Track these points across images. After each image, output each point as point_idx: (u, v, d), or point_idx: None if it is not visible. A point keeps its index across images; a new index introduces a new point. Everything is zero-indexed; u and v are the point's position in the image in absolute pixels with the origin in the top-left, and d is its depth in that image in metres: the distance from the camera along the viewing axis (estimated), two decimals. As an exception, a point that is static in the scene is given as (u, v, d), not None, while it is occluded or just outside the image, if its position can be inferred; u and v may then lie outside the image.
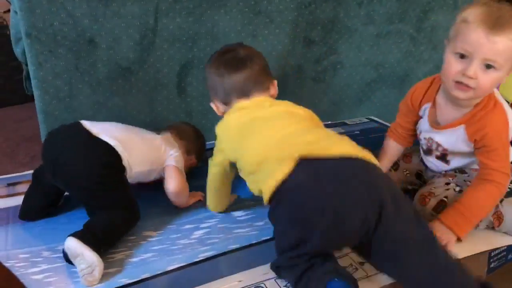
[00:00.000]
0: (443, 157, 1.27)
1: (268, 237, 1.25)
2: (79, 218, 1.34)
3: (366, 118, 2.02)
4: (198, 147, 1.45)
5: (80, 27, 1.40)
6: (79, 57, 1.45)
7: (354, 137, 1.82)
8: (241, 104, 1.15)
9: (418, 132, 1.31)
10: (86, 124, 1.23)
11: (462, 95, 1.09)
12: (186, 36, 1.54)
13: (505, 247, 1.20)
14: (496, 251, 1.21)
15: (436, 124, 1.22)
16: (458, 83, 1.07)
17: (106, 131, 1.22)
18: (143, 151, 1.27)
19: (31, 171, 1.32)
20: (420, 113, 1.28)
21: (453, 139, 1.20)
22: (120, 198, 1.21)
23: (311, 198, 0.93)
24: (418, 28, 1.87)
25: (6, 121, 2.09)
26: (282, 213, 0.99)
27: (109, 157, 1.20)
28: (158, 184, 1.37)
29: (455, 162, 1.26)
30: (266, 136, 1.06)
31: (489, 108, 1.13)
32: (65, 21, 1.38)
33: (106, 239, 1.14)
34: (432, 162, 1.31)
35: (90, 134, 1.20)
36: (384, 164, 1.38)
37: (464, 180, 1.25)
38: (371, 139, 1.84)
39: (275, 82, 1.21)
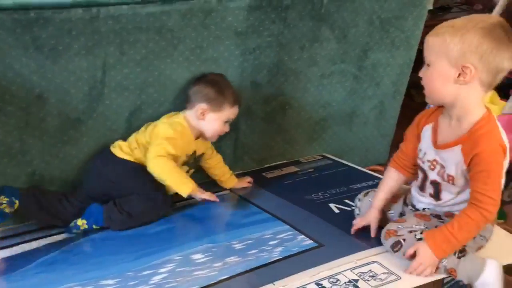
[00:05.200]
0: (436, 193, 1.30)
1: (227, 276, 1.27)
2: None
3: (319, 155, 2.08)
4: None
5: (28, 84, 1.42)
6: (29, 113, 1.46)
7: (308, 174, 1.90)
8: None
9: (420, 156, 1.31)
10: None
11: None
12: (134, 85, 1.58)
13: (453, 280, 1.25)
14: (449, 278, 1.26)
15: (436, 144, 1.26)
16: None
17: None
18: None
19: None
20: (421, 135, 1.32)
21: (451, 160, 1.22)
22: None
23: None
24: (360, 67, 1.97)
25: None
26: None
27: None
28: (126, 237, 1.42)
29: (447, 197, 1.28)
30: None
31: (486, 130, 1.17)
32: (13, 80, 1.40)
33: None
34: (421, 199, 1.34)
35: None
36: (380, 194, 1.40)
37: (436, 226, 1.26)
38: (325, 176, 1.90)
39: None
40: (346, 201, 1.66)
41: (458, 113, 1.20)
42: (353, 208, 1.60)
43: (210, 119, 1.59)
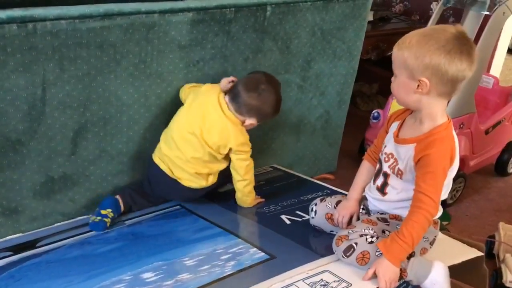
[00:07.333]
0: (383, 185, 1.36)
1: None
2: None
3: (270, 167, 2.09)
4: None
5: (-39, 104, 1.36)
6: (-37, 137, 1.39)
7: (260, 187, 1.90)
8: None
9: (382, 148, 1.39)
10: None
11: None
12: (77, 103, 1.53)
13: (403, 281, 1.30)
14: (399, 282, 1.28)
15: (397, 138, 1.33)
16: None
17: None
18: None
19: None
20: (389, 130, 1.39)
21: (403, 155, 1.29)
22: None
23: None
24: (304, 77, 2.01)
25: None
26: None
27: None
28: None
29: (391, 193, 1.35)
30: None
31: (441, 136, 1.25)
32: None
33: None
34: (371, 195, 1.40)
35: None
36: (356, 187, 1.46)
37: (383, 231, 1.33)
38: (276, 188, 1.91)
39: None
40: (298, 212, 1.68)
41: (422, 117, 1.29)
42: (304, 218, 1.62)
43: (249, 126, 1.70)
